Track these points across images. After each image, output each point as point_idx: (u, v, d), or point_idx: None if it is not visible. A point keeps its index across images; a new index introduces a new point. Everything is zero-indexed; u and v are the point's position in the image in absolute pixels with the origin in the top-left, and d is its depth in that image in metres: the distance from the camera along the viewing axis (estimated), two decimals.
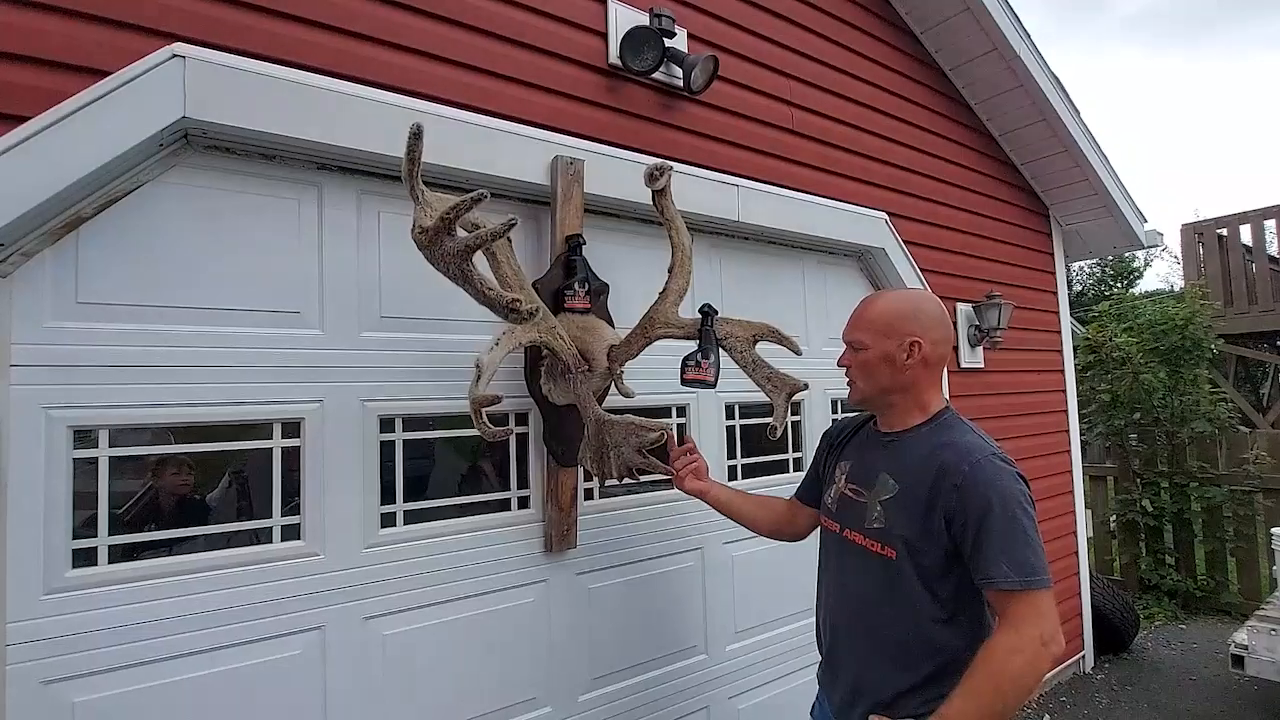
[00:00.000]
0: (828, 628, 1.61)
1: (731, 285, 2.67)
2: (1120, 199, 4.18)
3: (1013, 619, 1.26)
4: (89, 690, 1.42)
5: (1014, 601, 1.26)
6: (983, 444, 1.40)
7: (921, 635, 1.38)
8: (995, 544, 1.27)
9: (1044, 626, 1.24)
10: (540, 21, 2.16)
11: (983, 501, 1.30)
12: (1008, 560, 1.26)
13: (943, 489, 1.34)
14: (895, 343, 1.47)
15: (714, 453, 2.56)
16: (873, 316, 1.52)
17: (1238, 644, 3.41)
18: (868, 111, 3.21)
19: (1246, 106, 49.12)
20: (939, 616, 1.38)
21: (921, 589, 1.38)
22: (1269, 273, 7.35)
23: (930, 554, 1.37)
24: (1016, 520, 1.29)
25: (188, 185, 1.60)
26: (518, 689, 2.00)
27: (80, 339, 1.46)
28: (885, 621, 1.43)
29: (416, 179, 1.40)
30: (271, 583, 1.63)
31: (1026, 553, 1.27)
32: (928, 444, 1.44)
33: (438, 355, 1.92)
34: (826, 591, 1.63)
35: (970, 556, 1.31)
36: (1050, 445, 4.17)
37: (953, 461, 1.35)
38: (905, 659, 1.40)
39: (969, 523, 1.30)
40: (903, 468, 1.45)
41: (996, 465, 1.34)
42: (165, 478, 1.58)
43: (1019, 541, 1.27)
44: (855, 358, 1.52)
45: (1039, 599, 1.26)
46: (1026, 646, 1.23)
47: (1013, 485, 1.32)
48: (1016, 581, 1.25)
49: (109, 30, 1.49)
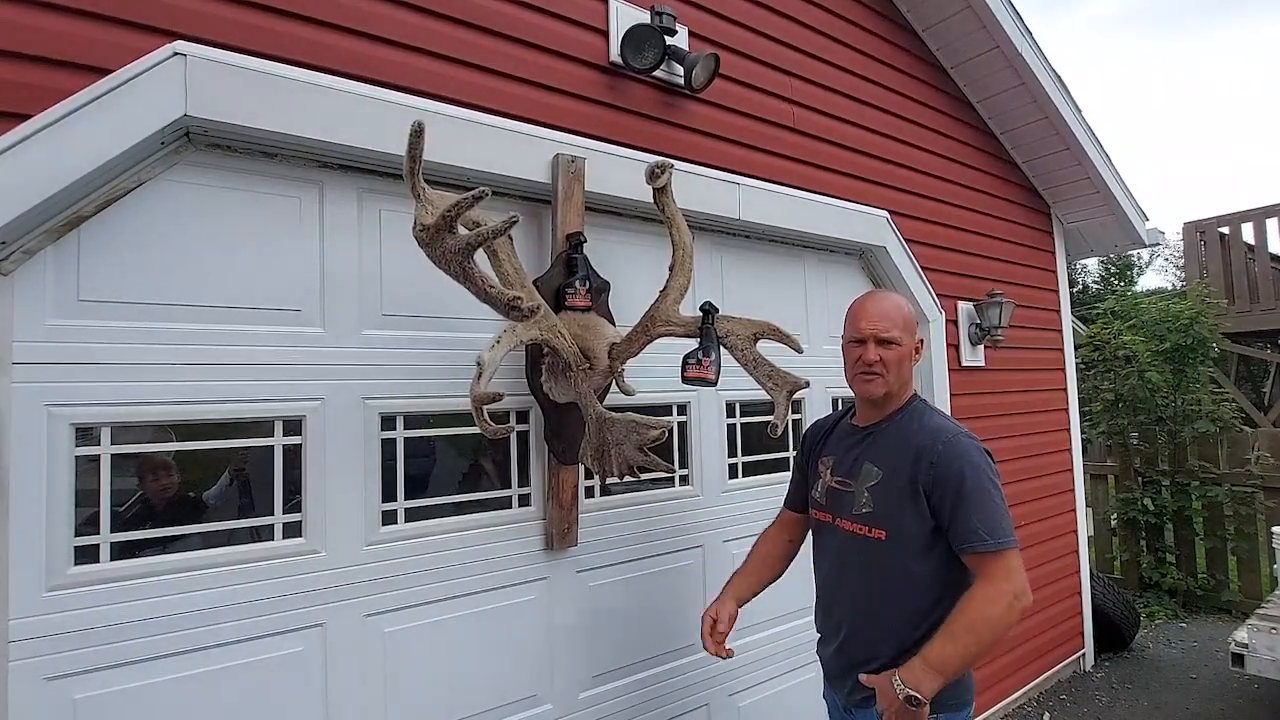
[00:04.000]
0: (827, 610, 1.72)
1: (732, 283, 2.67)
2: (1122, 197, 4.17)
3: (988, 574, 1.43)
4: (91, 687, 1.43)
5: (988, 561, 1.44)
6: (951, 425, 1.59)
7: (912, 607, 1.52)
8: (971, 513, 1.45)
9: (1015, 581, 1.42)
10: (541, 19, 2.15)
11: (956, 475, 1.47)
12: (982, 526, 1.44)
13: (920, 467, 1.52)
14: (913, 341, 1.65)
15: (715, 451, 2.56)
16: (900, 316, 1.64)
17: (1238, 642, 3.40)
18: (869, 110, 3.21)
19: (1244, 106, 49.04)
20: (928, 588, 1.52)
21: (910, 564, 1.53)
22: (1270, 271, 7.34)
23: (916, 531, 1.52)
24: (985, 491, 1.47)
25: (189, 183, 1.61)
26: (518, 686, 2.01)
27: (82, 337, 1.46)
28: (879, 599, 1.56)
29: (418, 177, 1.40)
30: (273, 580, 1.64)
31: (996, 517, 1.45)
32: (903, 430, 1.60)
33: (439, 353, 1.92)
34: (824, 577, 1.75)
35: (949, 526, 1.48)
36: (1051, 443, 4.17)
37: (927, 443, 1.53)
38: (900, 630, 1.53)
39: (946, 494, 1.48)
40: (883, 454, 1.60)
41: (965, 443, 1.53)
42: (167, 475, 1.59)
43: (989, 509, 1.46)
44: (890, 354, 1.60)
45: (1009, 557, 1.44)
46: (1001, 597, 1.41)
47: (980, 459, 1.51)
48: (991, 544, 1.43)
49: (110, 28, 1.49)
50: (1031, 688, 3.90)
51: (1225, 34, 52.95)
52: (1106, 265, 16.62)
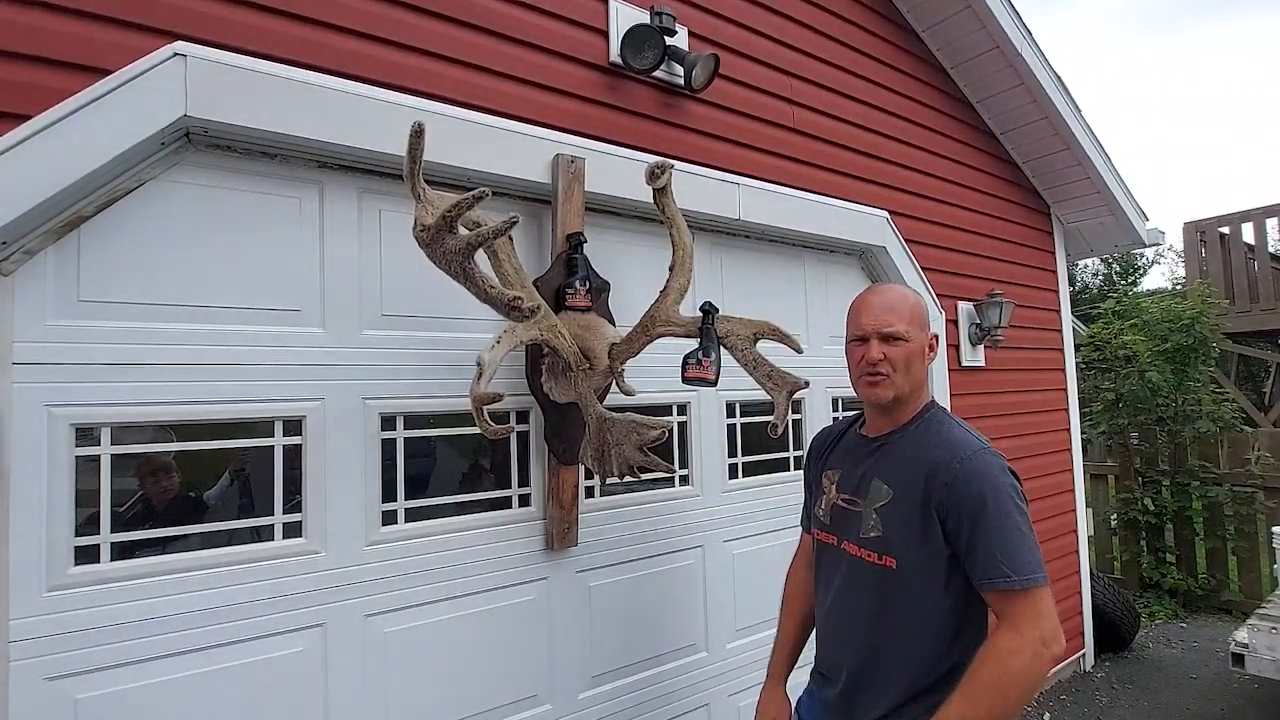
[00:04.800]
0: (830, 646, 1.51)
1: (732, 283, 2.67)
2: (1121, 197, 4.17)
3: (1013, 619, 1.22)
4: (92, 687, 1.43)
5: (1013, 601, 1.23)
6: (971, 439, 1.36)
7: (926, 647, 1.33)
8: (992, 543, 1.24)
9: (1044, 626, 1.21)
10: (541, 20, 2.15)
11: (976, 497, 1.26)
12: (1006, 560, 1.22)
13: (935, 486, 1.30)
14: (926, 337, 1.45)
15: (715, 451, 2.56)
16: (906, 307, 1.43)
17: (1238, 642, 3.40)
18: (869, 110, 3.21)
19: (1244, 105, 49.06)
20: (944, 626, 1.32)
21: (925, 597, 1.32)
22: (1271, 271, 7.35)
23: (930, 559, 1.31)
24: (1010, 517, 1.25)
25: (189, 184, 1.61)
26: (518, 686, 2.01)
27: (82, 337, 1.46)
28: (889, 634, 1.36)
29: (418, 177, 1.40)
30: (273, 580, 1.64)
31: (1023, 550, 1.23)
32: (917, 443, 1.39)
33: (439, 353, 1.92)
34: (826, 609, 1.52)
35: (966, 556, 1.27)
36: (1051, 443, 4.16)
37: (944, 459, 1.32)
38: (913, 671, 1.34)
39: (963, 520, 1.27)
40: (894, 471, 1.39)
41: (987, 460, 1.31)
42: (167, 475, 1.59)
43: (1015, 539, 1.24)
44: (896, 351, 1.40)
45: (1038, 597, 1.22)
46: (1027, 647, 1.20)
47: (1004, 479, 1.29)
48: (1016, 581, 1.21)
49: (110, 29, 1.49)
50: None
51: (1225, 32, 52.99)
52: (1109, 263, 16.60)
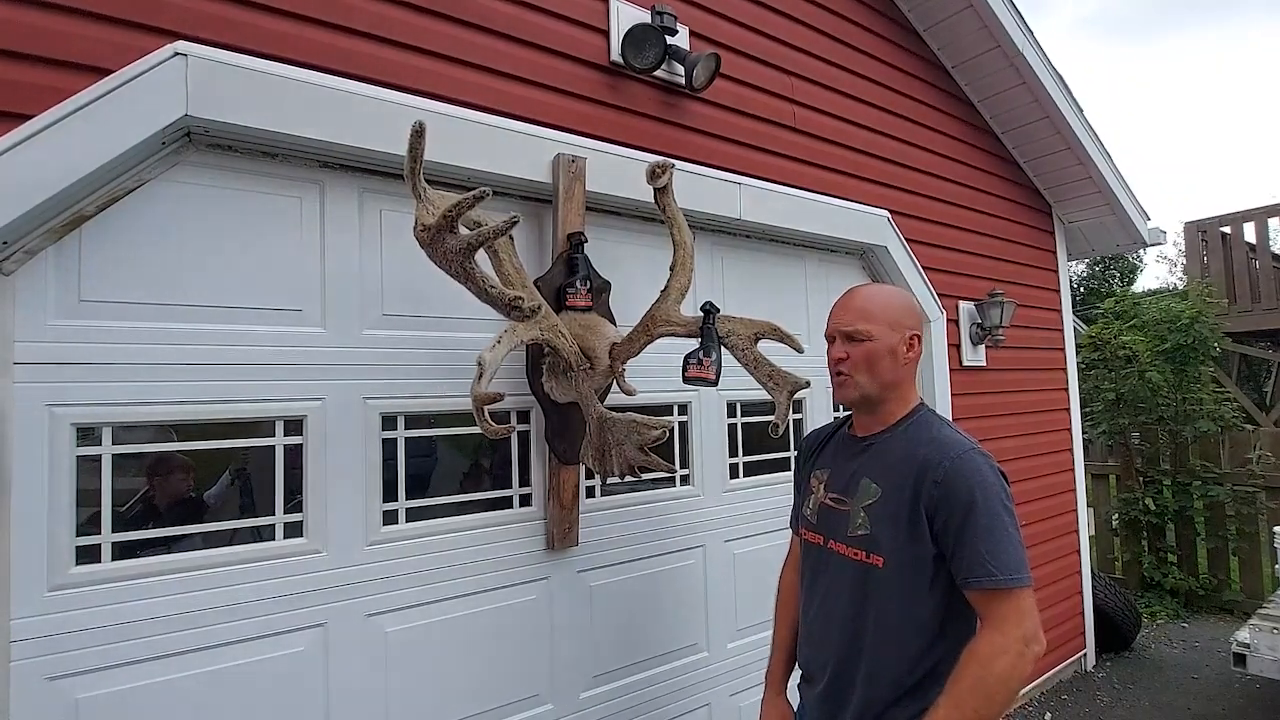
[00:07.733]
0: (813, 645, 1.51)
1: (733, 283, 2.67)
2: (1123, 196, 4.17)
3: (996, 619, 1.23)
4: (93, 687, 1.43)
5: (996, 601, 1.24)
6: (962, 439, 1.37)
7: (910, 646, 1.33)
8: (979, 542, 1.25)
9: (1026, 626, 1.22)
10: (542, 19, 2.15)
11: (965, 497, 1.27)
12: (992, 559, 1.23)
13: (924, 485, 1.31)
14: (899, 336, 1.43)
15: (716, 451, 2.56)
16: (875, 308, 1.44)
17: (1240, 642, 3.40)
18: (870, 109, 3.21)
19: (1245, 105, 49.01)
20: (929, 626, 1.33)
21: (911, 596, 1.33)
22: (1272, 271, 7.34)
23: (917, 559, 1.32)
24: (999, 517, 1.26)
25: (190, 183, 1.61)
26: (519, 686, 2.01)
27: (83, 337, 1.46)
28: (874, 634, 1.36)
29: (418, 177, 1.40)
30: (274, 580, 1.64)
31: (1010, 550, 1.24)
32: (906, 442, 1.40)
33: (439, 353, 1.92)
34: (813, 609, 1.51)
35: (952, 554, 1.28)
36: (1052, 443, 4.16)
37: (934, 458, 1.32)
38: (896, 670, 1.34)
39: (952, 518, 1.27)
40: (883, 470, 1.40)
41: (976, 460, 1.32)
42: (168, 475, 1.59)
43: (999, 538, 1.25)
44: (857, 350, 1.42)
45: (1021, 598, 1.23)
46: (1011, 646, 1.21)
47: (993, 479, 1.30)
48: (1001, 581, 1.23)
49: (111, 28, 1.49)
50: (1033, 687, 3.89)
51: (1226, 30, 52.96)
52: (1104, 264, 16.50)
